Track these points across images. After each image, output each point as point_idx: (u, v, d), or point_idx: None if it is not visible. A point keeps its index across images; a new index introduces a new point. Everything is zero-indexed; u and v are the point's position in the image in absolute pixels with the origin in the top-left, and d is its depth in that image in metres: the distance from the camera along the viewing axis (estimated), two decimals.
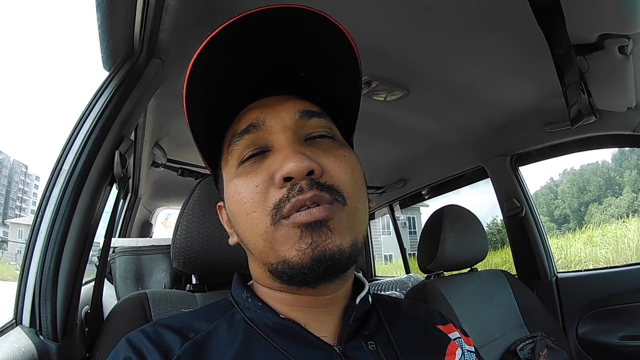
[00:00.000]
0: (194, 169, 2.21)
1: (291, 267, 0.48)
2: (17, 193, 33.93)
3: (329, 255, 0.47)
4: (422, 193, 2.65)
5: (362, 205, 0.54)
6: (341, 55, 0.55)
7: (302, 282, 0.50)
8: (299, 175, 0.48)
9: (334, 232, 0.48)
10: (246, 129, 0.55)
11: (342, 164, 0.53)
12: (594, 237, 6.74)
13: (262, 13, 0.48)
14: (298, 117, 0.55)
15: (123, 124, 0.88)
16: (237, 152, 0.56)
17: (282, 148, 0.52)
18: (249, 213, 0.51)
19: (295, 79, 0.58)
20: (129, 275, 1.51)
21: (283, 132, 0.53)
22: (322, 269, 0.47)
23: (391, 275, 3.08)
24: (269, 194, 0.50)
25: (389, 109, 1.60)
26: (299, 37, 0.52)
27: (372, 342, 0.55)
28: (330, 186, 0.50)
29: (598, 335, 1.60)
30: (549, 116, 1.61)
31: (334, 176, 0.51)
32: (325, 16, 0.50)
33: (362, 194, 0.55)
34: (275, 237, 0.49)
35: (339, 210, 0.49)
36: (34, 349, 0.64)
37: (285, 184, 0.49)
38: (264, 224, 0.50)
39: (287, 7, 0.48)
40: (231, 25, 0.48)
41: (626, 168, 8.24)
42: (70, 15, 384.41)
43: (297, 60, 0.56)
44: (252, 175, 0.52)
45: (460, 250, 1.54)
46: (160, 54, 1.01)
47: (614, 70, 1.18)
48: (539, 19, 0.94)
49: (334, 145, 0.56)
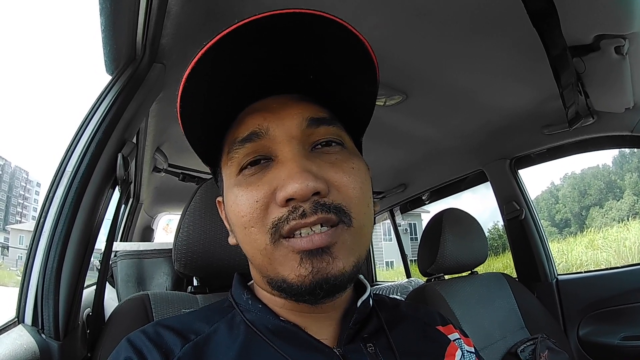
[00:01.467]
0: (195, 174, 2.20)
1: (291, 287, 0.48)
2: (18, 199, 33.89)
3: (331, 281, 0.46)
4: (422, 198, 2.65)
5: (369, 221, 0.52)
6: (356, 58, 0.51)
7: (301, 301, 0.50)
8: (303, 198, 0.46)
9: (336, 258, 0.47)
10: (248, 137, 0.51)
11: (351, 179, 0.50)
12: (595, 240, 6.72)
13: (272, 18, 0.43)
14: (305, 125, 0.51)
15: (125, 128, 0.89)
16: (238, 160, 0.52)
17: (286, 161, 0.49)
18: (247, 227, 0.50)
19: (303, 79, 0.53)
20: (131, 279, 1.51)
21: (288, 143, 0.50)
22: (323, 293, 0.47)
23: (392, 280, 3.08)
24: (268, 211, 0.48)
25: (389, 114, 1.60)
26: (309, 40, 0.47)
27: (372, 345, 0.55)
28: (337, 206, 0.48)
29: (599, 337, 1.60)
30: (547, 119, 1.62)
31: (341, 193, 0.49)
32: (337, 20, 0.46)
33: (369, 208, 0.53)
34: (275, 256, 0.48)
35: (343, 233, 0.48)
36: (35, 346, 0.65)
37: (287, 204, 0.47)
38: (262, 240, 0.49)
39: (297, 12, 0.44)
40: (237, 29, 0.43)
41: (627, 171, 8.23)
42: (73, 20, 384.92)
43: (306, 62, 0.50)
44: (252, 188, 0.50)
45: (460, 253, 1.54)
46: (163, 58, 1.02)
47: (611, 70, 1.18)
48: (533, 21, 0.94)
49: (343, 156, 0.53)
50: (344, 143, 0.55)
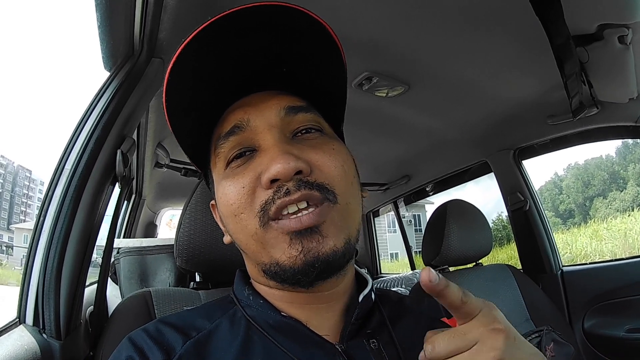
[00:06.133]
0: (197, 169, 2.19)
1: (284, 269, 0.49)
2: (22, 198, 34.05)
3: (323, 259, 0.47)
4: (426, 189, 2.64)
5: (355, 199, 0.54)
6: (322, 46, 0.53)
7: (295, 283, 0.50)
8: (286, 177, 0.48)
9: (326, 237, 0.48)
10: (231, 131, 0.54)
11: (331, 158, 0.52)
12: (599, 231, 6.70)
13: (239, 12, 0.46)
14: (283, 114, 0.54)
15: (125, 124, 0.89)
16: (224, 154, 0.55)
17: (268, 148, 0.51)
18: (237, 214, 0.51)
19: (278, 74, 0.56)
20: (134, 276, 1.51)
21: (269, 131, 0.53)
22: (316, 273, 0.48)
23: (397, 272, 3.08)
24: (255, 195, 0.50)
25: (391, 105, 1.60)
26: (277, 33, 0.51)
27: (375, 341, 0.55)
28: (320, 184, 0.49)
29: (604, 329, 1.59)
30: (551, 109, 1.61)
31: (324, 172, 0.51)
32: (303, 10, 0.49)
33: (354, 187, 0.54)
34: (266, 239, 0.50)
35: (330, 210, 0.49)
36: (37, 346, 0.65)
37: (272, 185, 0.49)
38: (253, 225, 0.50)
39: (264, 5, 0.47)
40: (209, 26, 0.47)
41: (630, 161, 8.18)
42: (70, 16, 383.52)
43: (278, 57, 0.54)
44: (239, 177, 0.52)
45: (465, 245, 1.53)
46: (161, 53, 1.01)
47: (615, 60, 1.17)
48: (536, 10, 0.94)
49: (323, 140, 0.55)
50: (322, 129, 0.57)
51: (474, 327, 0.43)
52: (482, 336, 0.42)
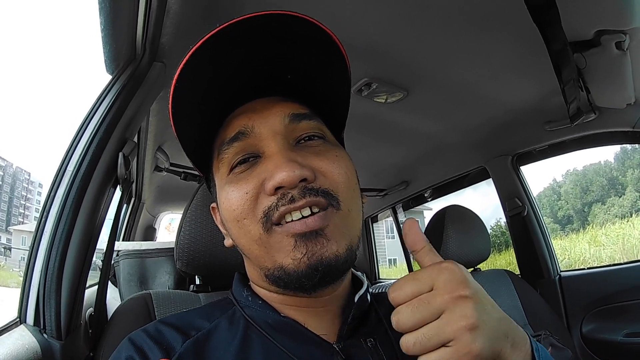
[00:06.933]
0: (197, 173, 2.18)
1: (287, 273, 0.49)
2: (20, 200, 34.00)
3: (326, 263, 0.48)
4: (424, 195, 2.64)
5: (356, 206, 0.55)
6: (327, 55, 0.54)
7: (298, 288, 0.51)
8: (291, 184, 0.48)
9: (330, 240, 0.49)
10: (235, 137, 0.55)
11: (335, 165, 0.53)
12: (598, 236, 6.70)
13: (245, 20, 0.47)
14: (287, 121, 0.55)
15: (126, 127, 0.89)
16: (227, 160, 0.55)
17: (273, 155, 0.51)
18: (239, 220, 0.52)
19: (282, 81, 0.57)
20: (133, 278, 1.51)
21: (273, 138, 0.53)
22: (319, 276, 0.48)
23: (395, 278, 3.06)
24: (258, 201, 0.51)
25: (390, 111, 1.60)
26: (284, 41, 0.51)
27: (371, 339, 0.56)
28: (325, 190, 0.50)
29: (602, 333, 1.59)
30: (549, 115, 1.61)
31: (328, 178, 0.52)
32: (310, 20, 0.49)
33: (355, 194, 0.55)
34: (270, 243, 0.50)
35: (334, 216, 0.50)
36: (37, 346, 0.65)
37: (276, 192, 0.49)
38: (256, 230, 0.51)
39: (270, 13, 0.47)
40: (216, 33, 0.48)
41: (628, 167, 8.18)
42: (73, 20, 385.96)
43: (283, 64, 0.54)
44: (242, 183, 0.52)
45: (463, 250, 1.53)
46: (163, 57, 1.02)
47: (612, 66, 1.18)
48: (533, 15, 0.94)
49: (326, 147, 0.56)
50: (325, 136, 0.58)
51: (437, 295, 0.43)
52: (449, 304, 0.42)
